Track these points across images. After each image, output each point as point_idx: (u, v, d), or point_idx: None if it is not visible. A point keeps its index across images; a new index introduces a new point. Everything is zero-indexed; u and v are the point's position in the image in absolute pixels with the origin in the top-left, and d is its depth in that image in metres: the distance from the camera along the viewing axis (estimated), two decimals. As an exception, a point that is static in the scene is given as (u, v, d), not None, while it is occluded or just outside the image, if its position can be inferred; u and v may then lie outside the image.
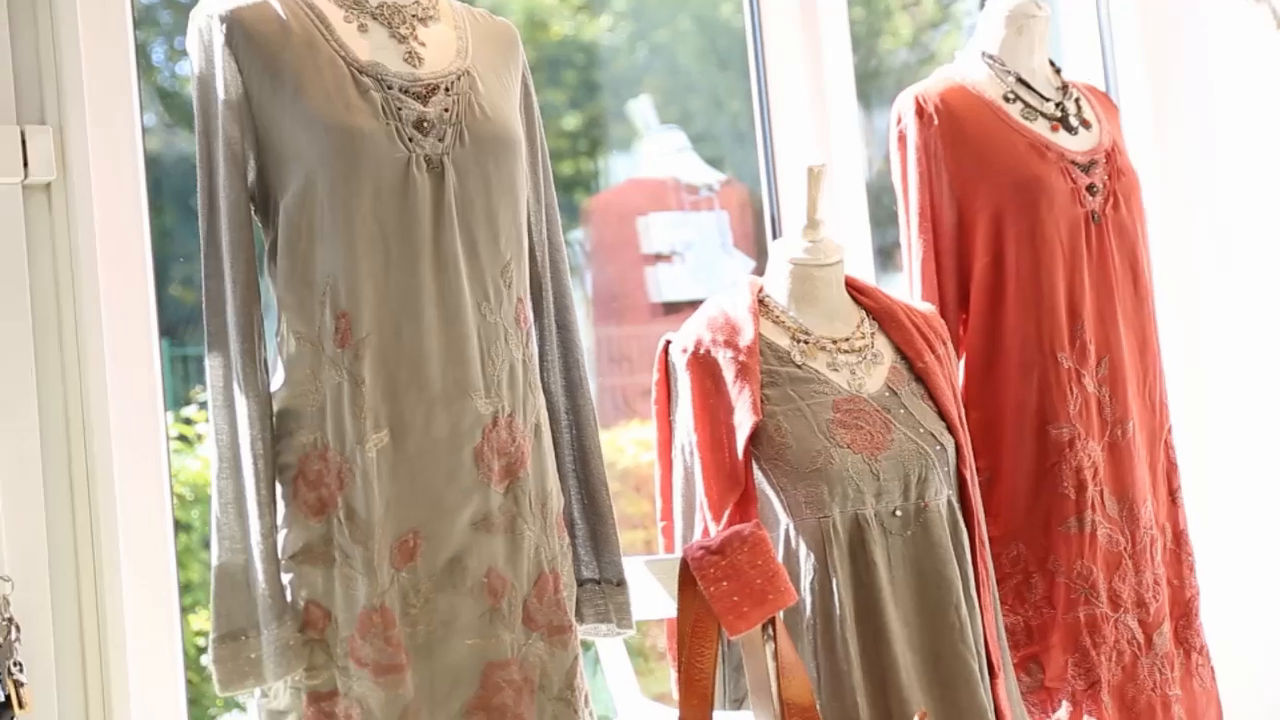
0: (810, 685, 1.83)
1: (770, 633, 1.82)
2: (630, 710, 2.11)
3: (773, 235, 2.67)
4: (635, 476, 3.04)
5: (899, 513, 1.95)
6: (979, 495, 2.07)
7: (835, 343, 2.04)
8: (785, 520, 1.94)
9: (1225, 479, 2.96)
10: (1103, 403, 2.22)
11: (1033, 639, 2.19)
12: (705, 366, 1.99)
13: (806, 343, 2.03)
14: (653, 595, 1.93)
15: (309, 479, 1.61)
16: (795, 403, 1.97)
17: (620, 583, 1.82)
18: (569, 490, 1.82)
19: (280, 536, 1.61)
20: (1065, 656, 2.17)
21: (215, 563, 1.61)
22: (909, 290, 2.27)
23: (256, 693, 1.63)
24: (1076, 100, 2.31)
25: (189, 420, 2.70)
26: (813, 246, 2.07)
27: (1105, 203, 2.24)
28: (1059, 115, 2.27)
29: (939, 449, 1.98)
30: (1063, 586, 2.17)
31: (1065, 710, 2.18)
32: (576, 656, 1.72)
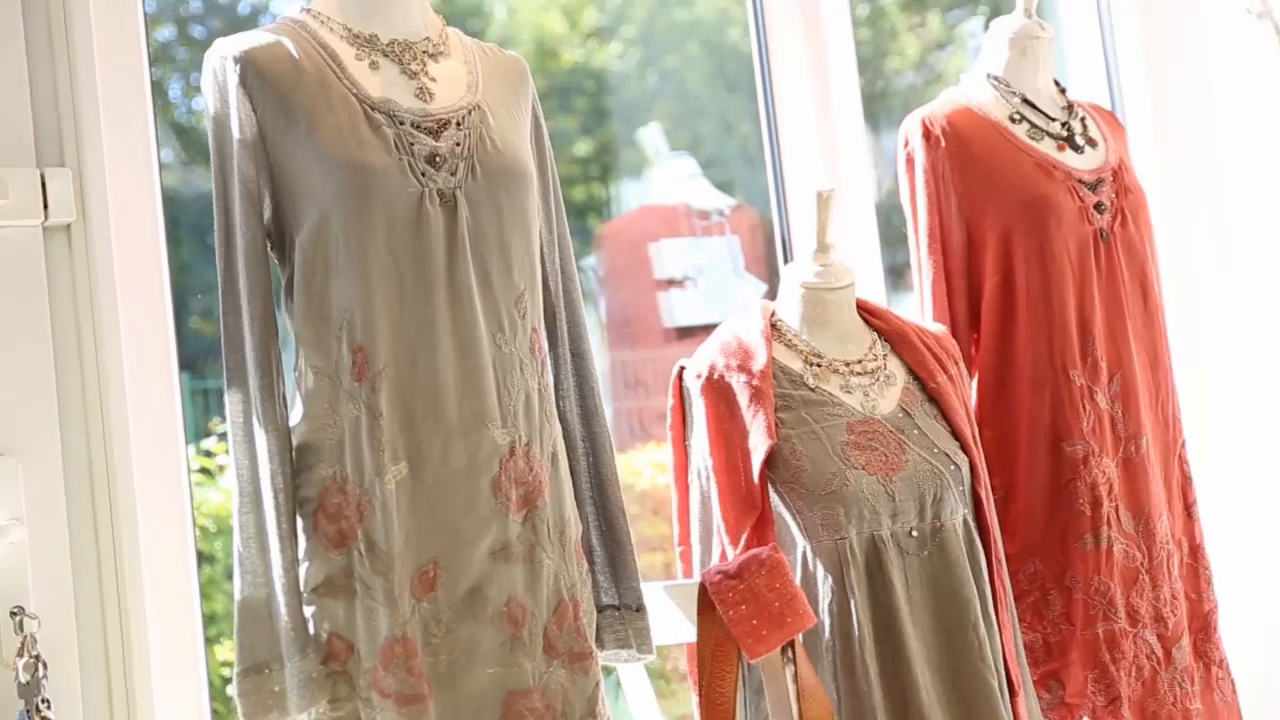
0: (831, 707, 1.83)
1: (790, 655, 1.82)
2: (652, 734, 2.11)
3: (784, 258, 2.68)
4: (653, 499, 3.05)
5: (915, 533, 1.95)
6: (995, 513, 2.07)
7: (848, 365, 2.04)
8: (802, 543, 1.95)
9: (1241, 491, 2.95)
10: (1115, 419, 2.22)
11: (1052, 656, 2.19)
12: (719, 391, 2.00)
13: (819, 366, 2.04)
14: (672, 620, 1.93)
15: (329, 512, 1.62)
16: (809, 425, 1.97)
17: (640, 608, 1.82)
18: (587, 517, 1.82)
19: (301, 570, 1.62)
20: (1085, 673, 2.17)
21: (238, 597, 1.62)
22: (920, 311, 2.27)
23: (281, 725, 1.65)
24: (1082, 119, 2.32)
25: (209, 453, 2.71)
26: (824, 270, 2.08)
27: (1113, 220, 2.25)
28: (1065, 134, 2.28)
29: (954, 468, 1.99)
30: (1080, 603, 2.17)
31: (1086, 726, 2.18)
32: (598, 683, 1.72)
